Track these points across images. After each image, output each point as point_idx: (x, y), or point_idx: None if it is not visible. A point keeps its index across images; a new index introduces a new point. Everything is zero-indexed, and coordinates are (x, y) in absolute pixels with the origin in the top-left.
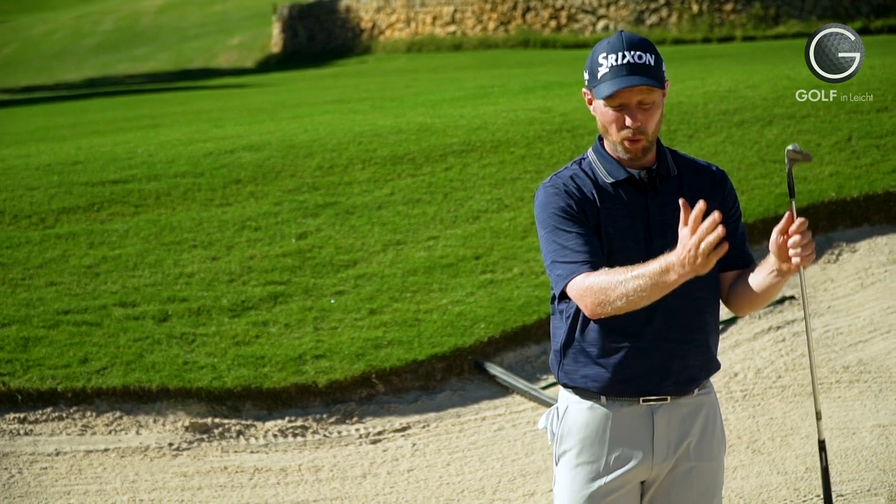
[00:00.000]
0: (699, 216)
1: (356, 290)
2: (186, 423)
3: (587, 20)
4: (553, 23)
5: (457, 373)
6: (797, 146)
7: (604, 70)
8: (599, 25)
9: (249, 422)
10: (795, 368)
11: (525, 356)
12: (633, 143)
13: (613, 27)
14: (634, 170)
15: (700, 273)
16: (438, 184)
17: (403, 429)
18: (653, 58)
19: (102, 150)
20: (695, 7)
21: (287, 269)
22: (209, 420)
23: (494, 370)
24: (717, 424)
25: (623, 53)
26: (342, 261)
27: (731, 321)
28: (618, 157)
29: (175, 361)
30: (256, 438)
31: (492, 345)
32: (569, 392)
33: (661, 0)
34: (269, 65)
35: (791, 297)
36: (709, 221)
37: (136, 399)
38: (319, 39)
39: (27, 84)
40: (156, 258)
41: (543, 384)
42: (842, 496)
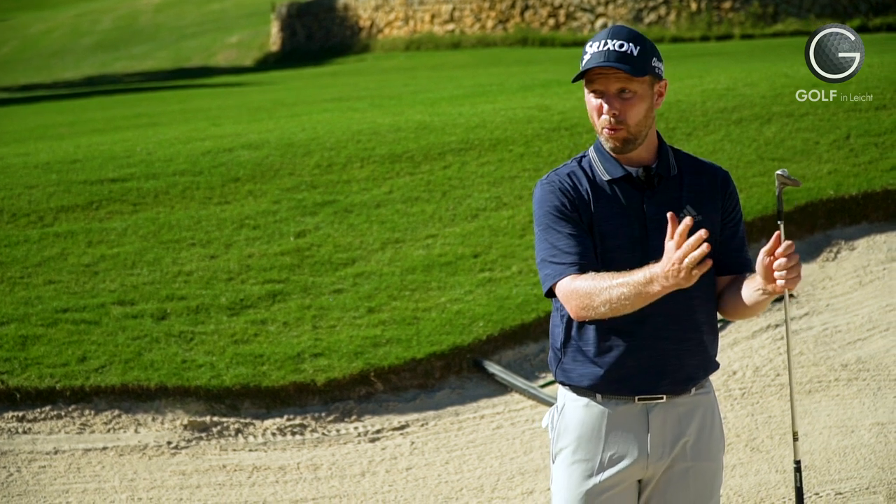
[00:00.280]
0: (685, 231)
1: (355, 289)
2: (185, 422)
3: (585, 18)
4: (551, 21)
5: (455, 371)
6: (786, 171)
7: (587, 57)
8: (598, 23)
9: (248, 420)
10: (794, 366)
11: (524, 354)
12: (613, 133)
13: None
14: (632, 168)
15: (683, 287)
16: (437, 182)
17: (402, 427)
18: (637, 49)
19: (101, 149)
20: (693, 5)
21: (286, 268)
22: (208, 418)
23: (493, 368)
24: (716, 424)
25: (605, 41)
26: (341, 259)
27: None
28: (616, 156)
29: (174, 360)
30: (255, 437)
31: (490, 343)
32: (566, 390)
33: None
34: (268, 63)
35: (790, 295)
36: (694, 238)
37: (135, 397)
38: (318, 38)
39: (26, 82)
40: (154, 256)
41: (542, 382)
42: (840, 494)
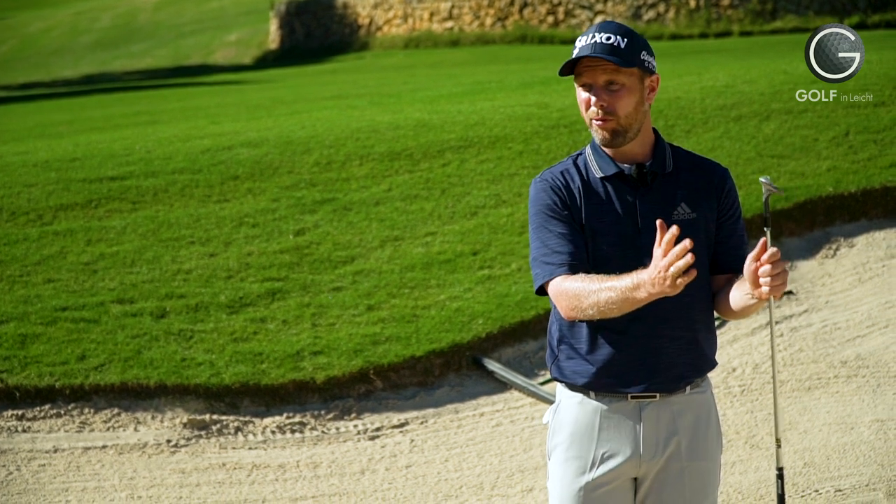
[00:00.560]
0: (671, 240)
1: (354, 287)
2: (184, 420)
3: (584, 15)
4: (550, 18)
5: (455, 369)
6: (769, 178)
7: (575, 51)
8: (597, 20)
9: (247, 418)
10: (794, 364)
11: (523, 352)
12: (601, 125)
13: None
14: (626, 165)
15: (669, 294)
16: (436, 180)
17: (401, 425)
18: (624, 41)
19: (100, 147)
20: (692, 2)
21: (285, 266)
22: (207, 417)
23: (492, 366)
24: (712, 424)
25: (593, 35)
26: (340, 257)
27: None
28: (611, 152)
29: (173, 358)
30: (254, 435)
31: (490, 341)
32: (562, 386)
33: None
34: (267, 61)
35: (789, 292)
36: (679, 247)
37: (134, 396)
38: (317, 36)
39: (25, 81)
40: (153, 255)
41: (541, 380)
42: (840, 491)
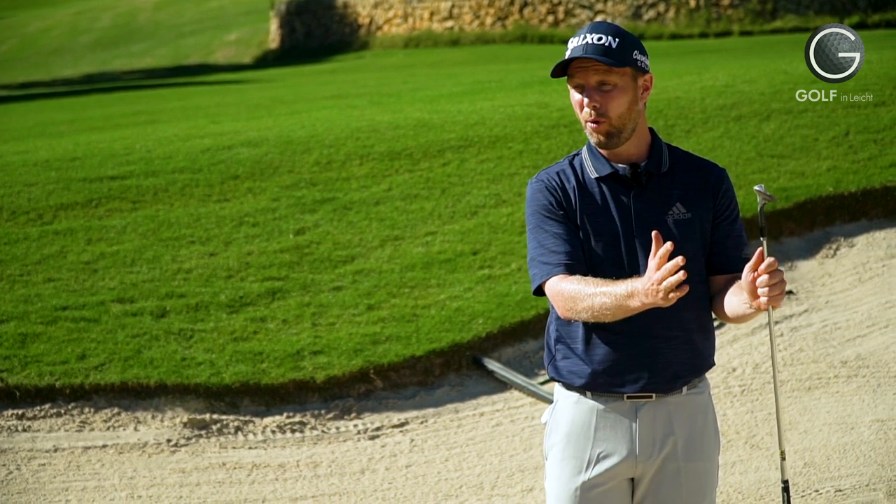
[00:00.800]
0: (666, 255)
1: (354, 286)
2: (184, 420)
3: (584, 15)
4: (550, 18)
5: (455, 368)
6: (763, 187)
7: (567, 52)
8: (597, 20)
9: (247, 418)
10: (794, 364)
11: (523, 351)
12: (595, 127)
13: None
14: (621, 166)
15: (662, 306)
16: (436, 179)
17: (401, 424)
18: (616, 41)
19: (100, 147)
20: (692, 2)
21: (285, 265)
22: (207, 416)
23: (492, 366)
24: (709, 425)
25: (585, 36)
26: (340, 256)
27: None
28: (606, 152)
29: (173, 357)
30: (254, 434)
31: (490, 340)
32: (559, 386)
33: None
34: (267, 61)
35: (789, 292)
36: (671, 263)
37: (134, 395)
38: (317, 35)
39: (25, 80)
40: (154, 254)
41: (541, 380)
42: (840, 491)
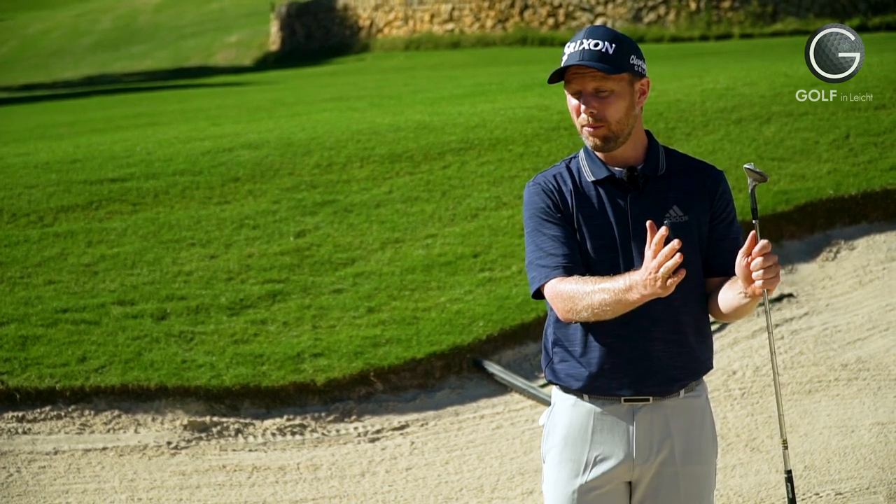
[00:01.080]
0: (661, 241)
1: (354, 289)
2: (185, 422)
3: (585, 18)
4: (551, 20)
5: (455, 371)
6: (753, 165)
7: (564, 58)
8: (597, 23)
9: (248, 420)
10: (794, 366)
11: (523, 354)
12: (593, 132)
13: (611, 25)
14: (617, 169)
15: (661, 296)
16: (437, 182)
17: (402, 427)
18: (612, 47)
19: (101, 149)
20: (692, 4)
21: (285, 268)
22: (207, 418)
23: (493, 368)
24: (707, 428)
25: (581, 41)
26: (340, 259)
27: None
28: (602, 156)
29: (173, 360)
30: (255, 437)
31: (490, 343)
32: (556, 389)
33: None
34: (267, 63)
35: (790, 295)
36: (668, 248)
37: (135, 398)
38: (317, 37)
39: (25, 82)
40: (154, 256)
41: (542, 382)
42: (841, 494)
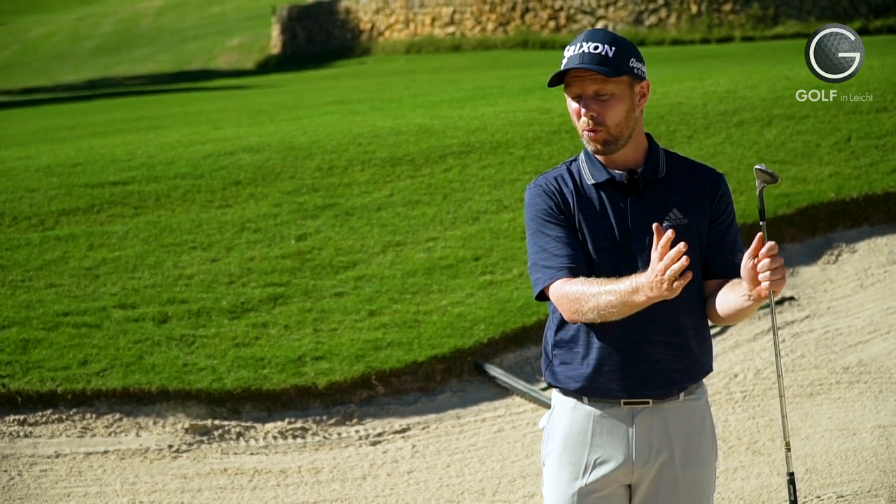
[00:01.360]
0: (667, 244)
1: (356, 292)
2: (186, 425)
3: (586, 21)
4: (552, 24)
5: (456, 374)
6: (765, 166)
7: (564, 61)
8: (598, 26)
9: (249, 423)
10: (795, 369)
11: (524, 357)
12: (593, 135)
13: (612, 28)
14: (617, 172)
15: (668, 298)
16: (438, 185)
17: (403, 430)
18: (612, 50)
19: (102, 152)
20: (693, 7)
21: (286, 271)
22: (209, 422)
23: (494, 371)
24: (706, 431)
25: (581, 45)
26: (342, 262)
27: None
28: (603, 159)
29: (175, 363)
30: (256, 440)
31: (491, 346)
32: (556, 392)
33: (660, 0)
34: (269, 66)
35: (791, 298)
36: (674, 251)
37: (136, 401)
38: (318, 41)
39: (26, 86)
40: (155, 260)
41: (543, 385)
42: (842, 497)
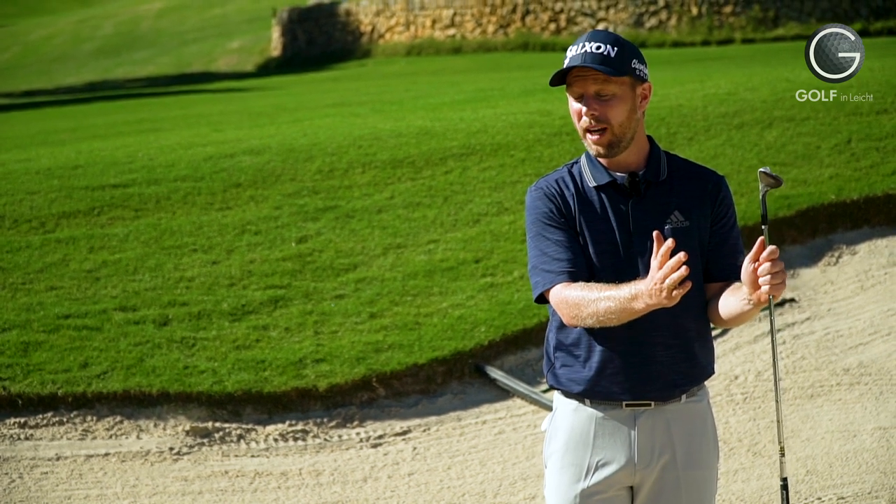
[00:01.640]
0: (667, 252)
1: (356, 294)
2: (187, 428)
3: (587, 23)
4: (552, 26)
5: (457, 376)
6: (769, 169)
7: (566, 62)
8: (599, 28)
9: (250, 426)
10: (796, 371)
11: (525, 359)
12: (595, 136)
13: (613, 30)
14: (619, 174)
15: (667, 306)
16: (438, 187)
17: (404, 432)
18: (614, 50)
19: (103, 155)
20: (694, 10)
21: (287, 273)
22: (210, 424)
23: (495, 374)
24: (708, 433)
25: (583, 45)
26: (342, 265)
27: None
28: (604, 161)
29: (175, 366)
30: (257, 442)
31: (492, 348)
32: (558, 394)
33: (661, 3)
34: (269, 68)
35: (791, 300)
36: (674, 260)
37: (137, 403)
38: (319, 43)
39: (27, 88)
40: (156, 262)
41: (544, 387)
42: (843, 499)
